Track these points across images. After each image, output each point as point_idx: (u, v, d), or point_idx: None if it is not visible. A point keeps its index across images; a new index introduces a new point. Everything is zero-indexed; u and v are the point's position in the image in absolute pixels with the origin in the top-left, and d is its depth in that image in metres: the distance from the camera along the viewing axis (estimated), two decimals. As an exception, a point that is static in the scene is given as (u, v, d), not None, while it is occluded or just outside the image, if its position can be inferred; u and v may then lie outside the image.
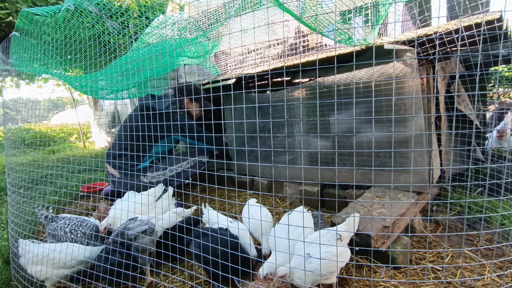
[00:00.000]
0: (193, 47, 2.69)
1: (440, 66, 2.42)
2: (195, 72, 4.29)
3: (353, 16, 2.29)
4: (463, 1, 1.86)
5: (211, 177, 3.07)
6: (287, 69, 2.62)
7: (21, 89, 6.68)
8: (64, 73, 2.76)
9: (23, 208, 2.21)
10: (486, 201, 2.20)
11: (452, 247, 1.90)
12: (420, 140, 2.12)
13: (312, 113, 2.69)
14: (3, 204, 3.19)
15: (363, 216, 1.78)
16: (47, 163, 2.87)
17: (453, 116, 2.38)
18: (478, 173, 2.57)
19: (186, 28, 2.58)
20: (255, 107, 2.80)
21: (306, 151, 2.73)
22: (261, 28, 3.07)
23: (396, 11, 2.54)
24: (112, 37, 2.33)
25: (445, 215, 2.19)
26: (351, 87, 2.32)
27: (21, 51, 2.35)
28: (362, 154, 2.29)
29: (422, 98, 2.17)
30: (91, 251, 1.74)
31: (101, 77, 2.34)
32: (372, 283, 1.55)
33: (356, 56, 2.07)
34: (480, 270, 1.65)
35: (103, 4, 2.26)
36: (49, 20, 2.22)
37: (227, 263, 1.41)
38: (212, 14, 2.64)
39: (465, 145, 2.32)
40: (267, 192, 2.94)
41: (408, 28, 3.25)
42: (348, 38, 2.04)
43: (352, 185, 2.39)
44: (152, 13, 2.62)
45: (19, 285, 1.80)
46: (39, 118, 3.07)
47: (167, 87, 3.71)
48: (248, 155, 3.25)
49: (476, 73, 2.22)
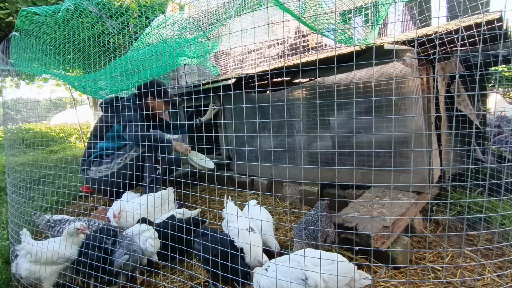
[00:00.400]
0: (193, 47, 2.69)
1: (440, 66, 2.42)
2: (195, 72, 4.29)
3: (353, 16, 2.29)
4: (463, 1, 1.86)
5: (211, 177, 3.07)
6: (287, 69, 2.62)
7: (21, 89, 6.68)
8: (64, 73, 2.76)
9: (23, 208, 2.21)
10: (486, 201, 2.20)
11: (452, 247, 1.90)
12: (420, 140, 2.12)
13: (312, 113, 2.68)
14: (3, 204, 3.19)
15: (363, 216, 1.78)
16: (47, 163, 2.87)
17: (453, 116, 2.38)
18: (478, 173, 2.57)
19: (186, 28, 2.58)
20: (255, 107, 2.80)
21: (306, 151, 2.73)
22: (261, 28, 3.07)
23: (396, 11, 2.54)
24: (112, 37, 2.33)
25: (445, 215, 2.19)
26: (351, 87, 2.32)
27: (21, 51, 2.35)
28: (362, 154, 2.29)
29: (422, 98, 2.17)
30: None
31: (101, 77, 2.34)
32: (372, 283, 1.55)
33: (356, 56, 2.07)
34: (480, 270, 1.65)
35: (103, 4, 2.26)
36: (49, 20, 2.22)
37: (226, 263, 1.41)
38: (212, 14, 2.64)
39: (465, 145, 2.32)
40: (267, 192, 2.94)
41: (408, 28, 3.25)
42: (348, 38, 2.04)
43: (352, 185, 2.39)
44: (152, 13, 2.62)
45: (19, 285, 1.80)
46: (39, 118, 3.07)
47: (167, 87, 3.71)
48: (248, 155, 3.25)
49: (476, 73, 2.22)
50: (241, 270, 1.42)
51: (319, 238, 1.63)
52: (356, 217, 1.76)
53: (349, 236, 1.66)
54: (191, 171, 3.62)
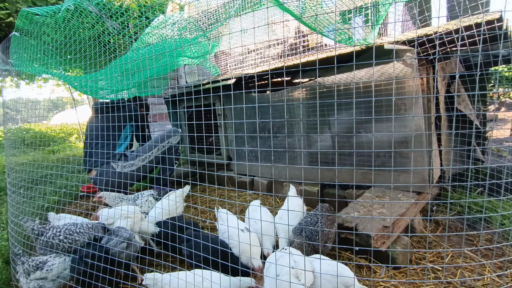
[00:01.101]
0: (193, 47, 2.69)
1: (440, 66, 2.42)
2: (195, 72, 4.29)
3: (353, 16, 2.29)
4: (463, 1, 1.86)
5: (211, 177, 3.07)
6: (287, 69, 2.62)
7: (21, 89, 6.68)
8: (64, 73, 2.76)
9: (23, 208, 2.21)
10: (486, 201, 2.20)
11: (452, 247, 1.90)
12: (420, 140, 2.12)
13: (312, 113, 2.68)
14: (3, 204, 3.19)
15: (363, 216, 1.78)
16: (47, 163, 2.87)
17: (453, 116, 2.38)
18: (478, 173, 2.57)
19: (186, 28, 2.57)
20: (255, 107, 2.80)
21: (306, 151, 2.73)
22: (261, 28, 3.07)
23: (396, 11, 2.54)
24: (112, 37, 2.33)
25: (445, 215, 2.19)
26: (351, 87, 2.32)
27: (21, 51, 2.35)
28: (362, 154, 2.29)
29: (422, 98, 2.17)
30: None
31: (101, 77, 2.34)
32: (372, 283, 1.55)
33: (356, 56, 2.07)
34: (480, 270, 1.65)
35: (103, 4, 2.26)
36: (49, 20, 2.22)
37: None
38: (212, 14, 2.64)
39: (465, 145, 2.32)
40: (267, 192, 2.94)
41: (408, 28, 3.25)
42: (348, 38, 2.04)
43: (352, 185, 2.39)
44: (152, 13, 2.62)
45: (19, 285, 1.80)
46: (39, 118, 3.07)
47: (167, 87, 3.72)
48: (248, 155, 3.25)
49: (476, 73, 2.22)
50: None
51: (318, 239, 1.63)
52: (356, 217, 1.76)
53: (349, 236, 1.66)
54: (191, 171, 3.62)
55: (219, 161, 3.45)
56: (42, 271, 1.65)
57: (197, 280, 1.30)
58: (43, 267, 1.66)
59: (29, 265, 1.66)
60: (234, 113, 3.25)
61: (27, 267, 1.66)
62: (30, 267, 1.66)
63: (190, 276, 1.32)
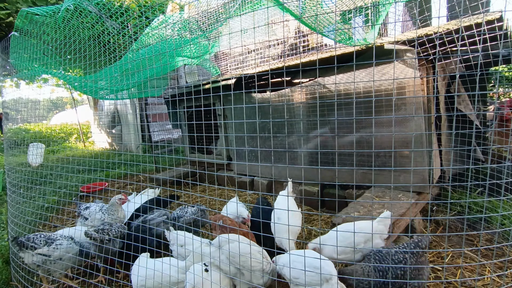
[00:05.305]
0: (193, 47, 2.68)
1: (440, 66, 2.42)
2: (195, 72, 4.29)
3: (353, 16, 2.28)
4: (463, 1, 1.86)
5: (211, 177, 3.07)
6: (287, 69, 2.62)
7: (21, 89, 6.68)
8: (64, 73, 2.76)
9: (23, 208, 2.21)
10: (486, 201, 2.19)
11: (452, 247, 1.90)
12: (420, 140, 2.12)
13: (312, 113, 2.68)
14: (3, 204, 3.19)
15: (363, 216, 1.78)
16: (47, 163, 2.87)
17: (453, 116, 2.38)
18: (478, 173, 2.56)
19: (186, 28, 2.57)
20: (255, 107, 2.80)
21: (306, 151, 2.73)
22: (261, 28, 3.07)
23: (396, 11, 2.54)
24: (112, 37, 2.32)
25: (445, 215, 2.19)
26: (351, 87, 2.31)
27: (20, 51, 2.34)
28: (362, 154, 2.29)
29: (422, 98, 2.17)
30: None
31: (101, 77, 2.33)
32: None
33: (356, 56, 2.07)
34: (480, 270, 1.65)
35: (103, 4, 2.25)
36: (49, 20, 2.21)
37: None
38: (212, 14, 2.64)
39: (465, 145, 2.31)
40: (267, 192, 2.94)
41: (408, 28, 3.24)
42: (348, 38, 2.04)
43: (352, 185, 2.39)
44: (152, 13, 2.62)
45: (19, 285, 1.80)
46: (39, 118, 3.06)
47: (167, 87, 3.72)
48: (248, 155, 3.25)
49: (476, 73, 2.21)
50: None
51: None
52: (356, 217, 1.76)
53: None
54: (191, 171, 3.62)
55: (219, 161, 3.45)
56: (50, 247, 1.70)
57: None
58: (51, 244, 1.72)
59: (39, 240, 1.71)
60: (234, 113, 3.25)
61: (35, 241, 1.71)
62: (39, 241, 1.71)
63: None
